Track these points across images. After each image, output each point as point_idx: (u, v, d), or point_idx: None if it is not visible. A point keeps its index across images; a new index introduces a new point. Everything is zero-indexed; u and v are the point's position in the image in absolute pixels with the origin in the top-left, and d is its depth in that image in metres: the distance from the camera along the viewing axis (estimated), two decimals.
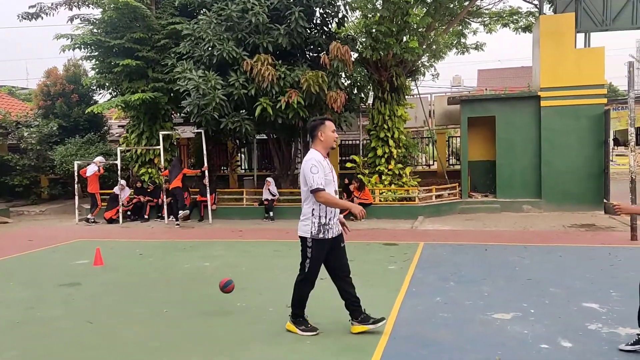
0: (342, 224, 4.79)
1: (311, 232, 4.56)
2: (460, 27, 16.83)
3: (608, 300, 5.47)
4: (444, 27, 15.24)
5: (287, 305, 5.67)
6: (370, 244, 9.47)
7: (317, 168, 4.47)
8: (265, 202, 13.54)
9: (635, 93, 11.86)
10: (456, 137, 20.39)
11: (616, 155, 26.11)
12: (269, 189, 13.56)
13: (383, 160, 14.03)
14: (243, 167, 21.47)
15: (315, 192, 4.43)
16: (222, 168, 19.83)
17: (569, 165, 13.07)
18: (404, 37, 13.36)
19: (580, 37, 13.86)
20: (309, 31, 13.54)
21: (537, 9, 15.17)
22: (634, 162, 8.69)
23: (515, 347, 4.33)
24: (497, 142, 13.76)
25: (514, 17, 16.57)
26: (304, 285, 4.74)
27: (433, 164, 19.98)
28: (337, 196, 4.73)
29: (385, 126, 14.02)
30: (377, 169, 14.09)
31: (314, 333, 4.74)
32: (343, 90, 12.76)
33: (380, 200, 13.41)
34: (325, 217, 4.57)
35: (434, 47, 14.72)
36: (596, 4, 13.55)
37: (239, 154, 20.42)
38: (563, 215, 12.47)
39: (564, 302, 5.52)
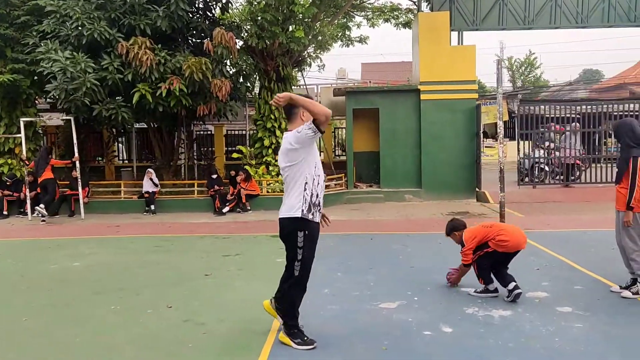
0: (323, 215, 4.26)
1: (302, 210, 3.91)
2: (345, 20, 17.15)
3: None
4: (329, 19, 15.38)
5: (169, 305, 5.33)
6: (257, 237, 9.25)
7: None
8: (146, 195, 12.75)
9: (502, 89, 12.82)
10: (342, 128, 20.78)
11: (485, 147, 28.35)
12: (151, 179, 12.80)
13: (270, 150, 13.83)
14: (121, 158, 20.19)
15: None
16: (97, 159, 18.45)
17: (446, 156, 13.82)
18: (290, 27, 13.27)
19: (455, 35, 14.74)
20: (191, 15, 12.96)
21: (416, 7, 15.84)
22: (502, 153, 9.34)
23: (400, 336, 4.38)
24: (380, 134, 14.18)
25: (395, 13, 17.19)
26: (295, 290, 4.06)
27: (320, 155, 20.17)
28: (323, 184, 4.14)
29: (272, 116, 13.84)
30: (264, 159, 13.86)
31: (311, 347, 4.07)
32: (228, 79, 12.37)
33: (267, 192, 13.22)
34: (317, 196, 4.01)
35: (320, 38, 14.82)
36: (468, 5, 14.46)
37: (116, 144, 19.09)
38: (441, 204, 13.18)
39: (444, 288, 5.73)
